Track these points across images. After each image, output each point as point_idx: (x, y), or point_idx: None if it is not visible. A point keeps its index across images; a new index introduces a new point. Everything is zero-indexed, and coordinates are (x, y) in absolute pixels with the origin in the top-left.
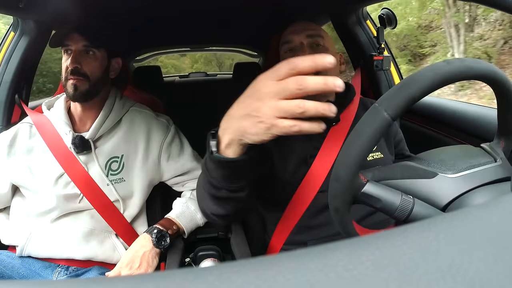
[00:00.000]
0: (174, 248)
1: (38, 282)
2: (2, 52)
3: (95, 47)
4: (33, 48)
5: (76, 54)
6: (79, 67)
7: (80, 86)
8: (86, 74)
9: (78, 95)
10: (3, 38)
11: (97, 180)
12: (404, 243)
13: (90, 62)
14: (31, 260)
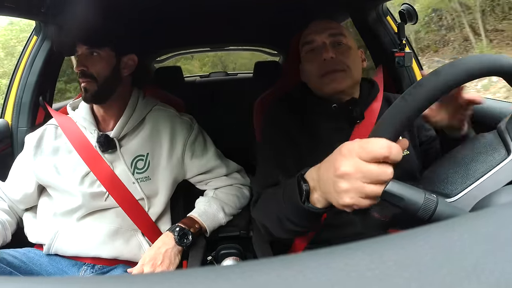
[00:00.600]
0: (196, 246)
1: (67, 279)
2: (25, 55)
3: (97, 48)
4: (55, 51)
5: (82, 58)
6: (85, 69)
7: (89, 87)
8: (92, 75)
9: (89, 97)
10: (26, 42)
11: (123, 178)
12: (427, 243)
13: (95, 63)
14: (57, 258)
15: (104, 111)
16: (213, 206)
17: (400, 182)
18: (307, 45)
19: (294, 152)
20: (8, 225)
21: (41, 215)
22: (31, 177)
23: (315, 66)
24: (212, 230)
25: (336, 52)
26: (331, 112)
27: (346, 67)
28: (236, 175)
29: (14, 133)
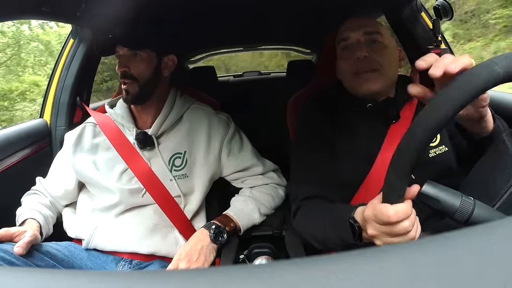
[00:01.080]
0: (229, 244)
1: (108, 273)
2: (63, 58)
3: (138, 49)
4: (91, 54)
5: (123, 59)
6: (127, 70)
7: (131, 89)
8: (134, 76)
9: (130, 99)
10: (63, 45)
11: (160, 175)
12: (464, 246)
13: (137, 64)
14: (96, 253)
15: (142, 109)
16: (249, 205)
17: (436, 184)
18: (342, 42)
19: (328, 151)
20: (50, 219)
21: (81, 211)
22: (71, 174)
23: (349, 64)
24: (245, 229)
25: (370, 50)
26: (366, 112)
27: (379, 67)
28: (272, 175)
29: (52, 132)
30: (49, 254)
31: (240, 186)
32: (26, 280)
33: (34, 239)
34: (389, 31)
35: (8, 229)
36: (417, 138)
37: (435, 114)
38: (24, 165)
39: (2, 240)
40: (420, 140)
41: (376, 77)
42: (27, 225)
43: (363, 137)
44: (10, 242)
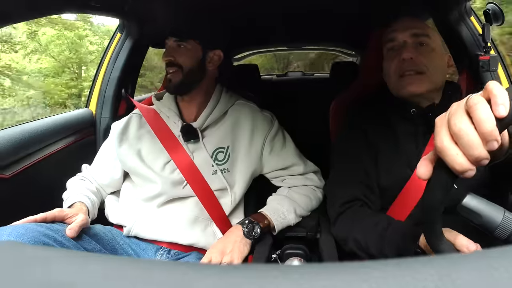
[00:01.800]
0: (263, 243)
1: (146, 261)
2: (110, 51)
3: (183, 40)
4: (137, 48)
5: (169, 49)
6: (172, 59)
7: (174, 77)
8: (179, 64)
9: (172, 87)
10: (110, 39)
11: (202, 168)
12: (503, 265)
13: (182, 54)
14: (136, 240)
15: (187, 102)
16: (285, 205)
17: (478, 197)
18: (389, 42)
19: (370, 155)
20: (96, 205)
21: (124, 199)
22: (117, 163)
23: (394, 65)
24: (280, 229)
25: (416, 52)
26: (409, 116)
27: (425, 69)
28: (313, 176)
29: (97, 122)
30: (95, 237)
31: (280, 185)
32: (77, 263)
33: (85, 223)
34: (438, 35)
35: (62, 210)
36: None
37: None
38: (69, 152)
39: (55, 220)
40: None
41: (421, 80)
42: (77, 207)
43: (406, 142)
44: (61, 222)
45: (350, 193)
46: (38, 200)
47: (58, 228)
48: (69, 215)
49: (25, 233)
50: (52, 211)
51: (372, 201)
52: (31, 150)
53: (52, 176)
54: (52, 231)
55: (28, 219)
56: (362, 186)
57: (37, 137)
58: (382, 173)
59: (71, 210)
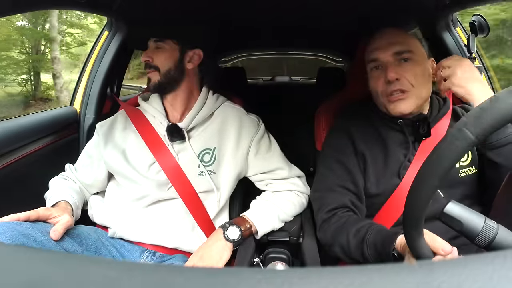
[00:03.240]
0: (245, 247)
1: (129, 263)
2: (97, 49)
3: (160, 40)
4: (124, 46)
5: (148, 50)
6: (149, 60)
7: (152, 77)
8: (156, 66)
9: (151, 87)
10: (97, 37)
11: (188, 169)
12: (485, 272)
13: (159, 55)
14: (121, 241)
15: (170, 102)
16: (268, 210)
17: (460, 205)
18: (371, 62)
19: (357, 162)
20: (79, 205)
21: (109, 200)
22: (102, 163)
23: (380, 85)
24: (263, 234)
25: (401, 70)
26: (397, 127)
27: (410, 87)
28: (297, 181)
29: (81, 120)
30: (79, 237)
31: (264, 188)
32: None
33: (70, 225)
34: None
35: (47, 209)
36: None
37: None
38: (52, 150)
39: (39, 219)
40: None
41: (408, 98)
42: (62, 207)
43: (395, 151)
44: (44, 222)
45: (338, 200)
46: (21, 197)
47: (40, 228)
48: (53, 214)
49: (3, 231)
50: (37, 210)
51: (358, 208)
52: (13, 147)
53: (35, 174)
54: (33, 230)
55: (11, 216)
56: (349, 193)
57: (19, 135)
58: (370, 181)
59: (56, 209)
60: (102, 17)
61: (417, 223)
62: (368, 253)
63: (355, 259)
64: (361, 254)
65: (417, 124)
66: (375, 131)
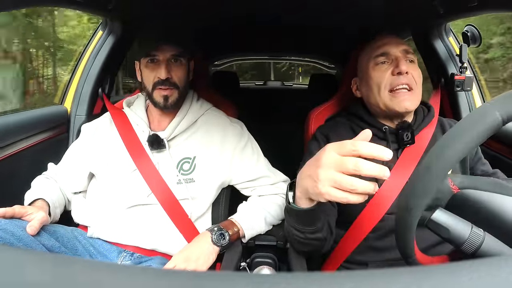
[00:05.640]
0: (232, 250)
1: (105, 264)
2: (90, 48)
3: (181, 55)
4: (118, 47)
5: (166, 65)
6: (169, 77)
7: (171, 96)
8: (176, 83)
9: (170, 105)
10: (91, 36)
11: (168, 177)
12: (471, 279)
13: (178, 71)
14: (99, 241)
15: (162, 112)
16: (255, 213)
17: (447, 212)
18: (379, 56)
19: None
20: (58, 204)
21: (89, 200)
22: (84, 165)
23: (386, 78)
24: (250, 237)
25: (408, 69)
26: (381, 135)
27: (415, 86)
28: (283, 185)
29: (71, 119)
30: (55, 234)
31: (249, 194)
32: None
33: (46, 221)
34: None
35: (23, 206)
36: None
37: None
38: (40, 148)
39: (14, 216)
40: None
41: (413, 95)
42: (37, 205)
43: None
44: (19, 219)
45: None
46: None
47: (17, 223)
48: (28, 212)
49: None
50: (13, 207)
51: (331, 216)
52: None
53: (22, 173)
54: (12, 226)
55: None
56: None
57: (7, 132)
58: None
59: (31, 207)
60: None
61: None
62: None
63: (296, 236)
64: (289, 227)
65: (401, 132)
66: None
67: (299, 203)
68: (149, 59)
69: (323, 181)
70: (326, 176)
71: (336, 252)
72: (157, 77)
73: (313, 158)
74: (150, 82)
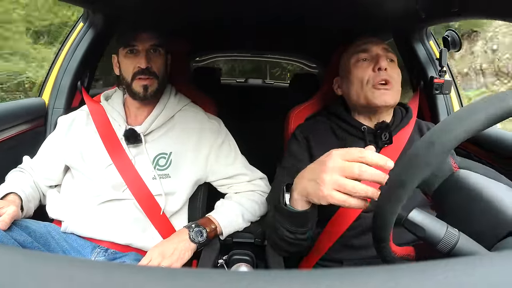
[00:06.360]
0: (210, 248)
1: (82, 260)
2: (70, 40)
3: (160, 46)
4: (98, 40)
5: (146, 55)
6: (150, 66)
7: (151, 85)
8: (155, 73)
9: (149, 95)
10: (72, 28)
11: (143, 173)
12: (446, 277)
13: (157, 61)
14: (74, 236)
15: (141, 106)
16: (233, 210)
17: (423, 212)
18: (361, 53)
19: None
20: (31, 198)
21: (64, 194)
22: (60, 157)
23: (368, 74)
24: (227, 234)
25: (388, 67)
26: (360, 135)
27: (395, 83)
28: (260, 182)
29: (49, 112)
30: (28, 229)
31: (226, 191)
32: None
33: (17, 216)
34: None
35: None
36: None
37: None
38: (17, 142)
39: None
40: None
41: (392, 91)
42: (9, 199)
43: None
44: None
45: None
46: None
47: None
48: None
49: None
50: None
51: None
52: None
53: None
54: None
55: None
56: None
57: None
58: None
59: (2, 201)
60: None
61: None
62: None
63: (286, 236)
64: (280, 227)
65: (379, 132)
66: (335, 138)
67: (295, 205)
68: (129, 49)
69: (328, 185)
70: (331, 179)
71: (313, 250)
72: (137, 66)
73: (316, 162)
74: (129, 72)
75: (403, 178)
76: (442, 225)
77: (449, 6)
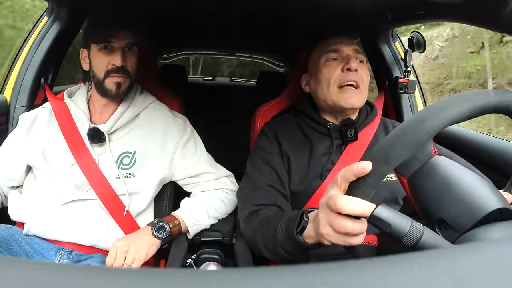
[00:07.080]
0: (177, 247)
1: (45, 263)
2: (34, 35)
3: (136, 44)
4: (64, 35)
5: (122, 52)
6: (125, 64)
7: (124, 83)
8: (129, 71)
9: (121, 93)
10: (36, 22)
11: (107, 172)
12: (412, 271)
13: (131, 60)
14: (37, 239)
15: (106, 103)
16: (197, 207)
17: (389, 208)
18: (332, 53)
19: (281, 162)
20: None
21: (26, 195)
22: (21, 156)
23: (336, 74)
24: (194, 232)
25: (358, 68)
26: (326, 132)
27: (362, 84)
28: (225, 180)
29: (11, 110)
30: None
31: (191, 190)
32: None
33: None
34: None
35: None
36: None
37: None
38: None
39: None
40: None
41: (359, 93)
42: None
43: (319, 154)
44: None
45: (265, 198)
46: None
47: None
48: None
49: None
50: None
51: (285, 206)
52: None
53: None
54: None
55: None
56: (276, 192)
57: None
58: (294, 181)
59: None
60: None
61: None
62: (280, 237)
63: (280, 254)
64: (277, 244)
65: (344, 128)
66: (302, 135)
67: (305, 238)
68: (103, 45)
69: (322, 221)
70: (323, 216)
71: None
72: (111, 64)
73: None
74: (102, 69)
75: (388, 153)
76: (407, 220)
77: (415, 9)
